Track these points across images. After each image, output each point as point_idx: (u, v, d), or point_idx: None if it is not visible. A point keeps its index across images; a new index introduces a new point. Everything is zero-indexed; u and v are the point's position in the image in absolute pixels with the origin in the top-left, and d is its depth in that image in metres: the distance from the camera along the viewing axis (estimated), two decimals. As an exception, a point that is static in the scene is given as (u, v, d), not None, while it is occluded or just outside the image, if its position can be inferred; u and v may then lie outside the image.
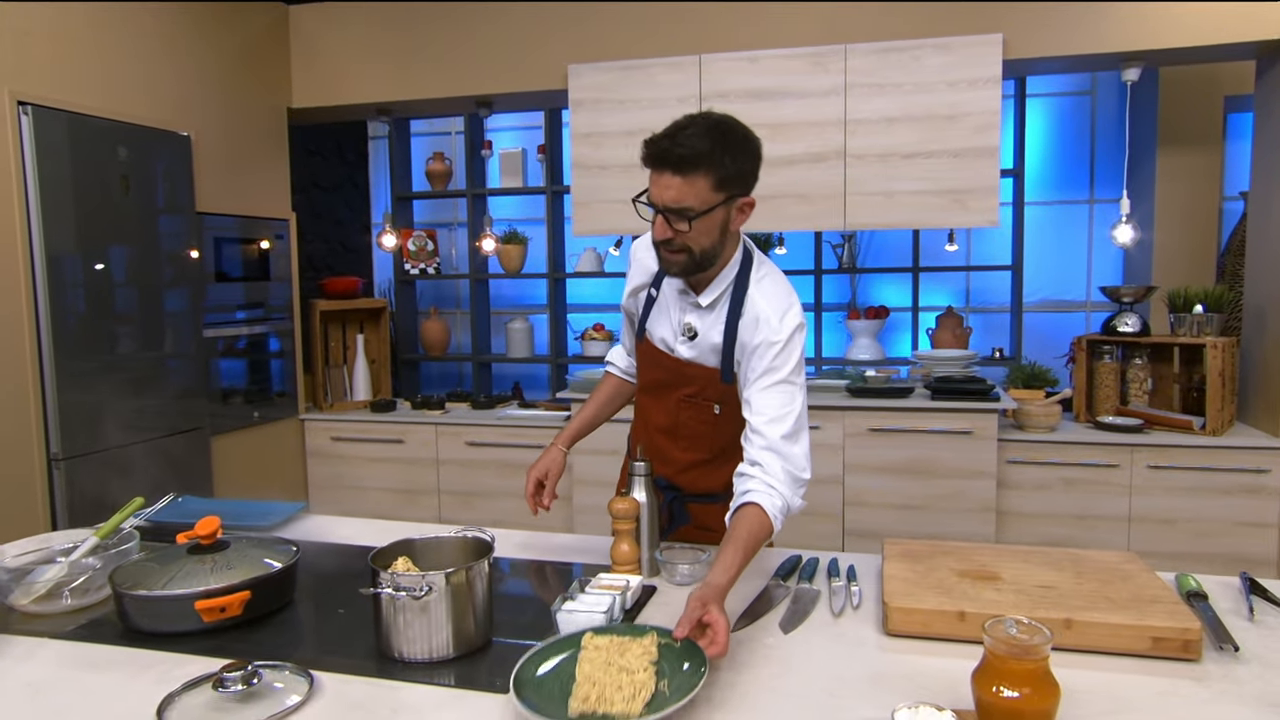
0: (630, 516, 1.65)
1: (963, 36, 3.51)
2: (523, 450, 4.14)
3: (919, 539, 1.82)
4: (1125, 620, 1.36)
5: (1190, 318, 3.59)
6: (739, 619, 1.51)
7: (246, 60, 4.09)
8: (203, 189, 3.77)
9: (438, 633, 1.36)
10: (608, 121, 3.89)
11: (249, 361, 4.12)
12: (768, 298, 1.71)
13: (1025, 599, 1.44)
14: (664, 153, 1.57)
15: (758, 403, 1.64)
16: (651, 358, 1.87)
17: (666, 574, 1.71)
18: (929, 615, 1.42)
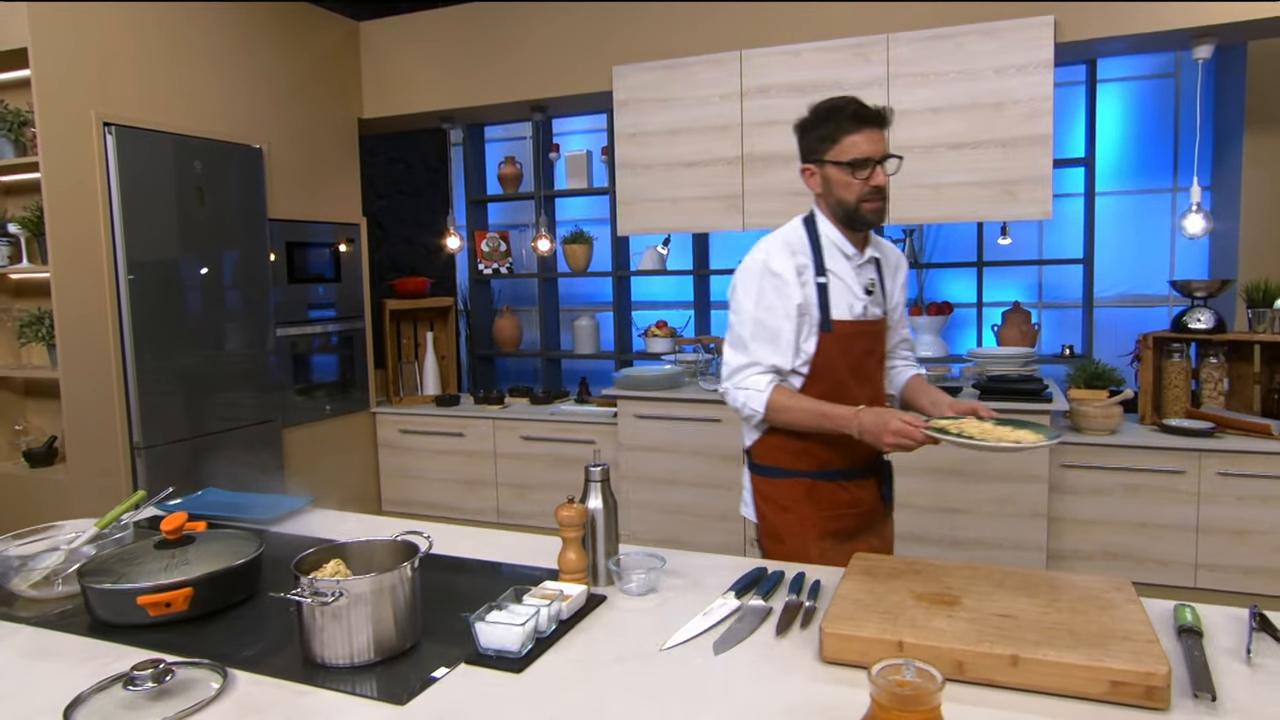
0: (576, 524, 1.55)
1: (1011, 20, 3.22)
2: (573, 445, 4.09)
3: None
4: (1080, 660, 1.17)
5: (1271, 313, 3.19)
6: (678, 632, 1.39)
7: (319, 75, 4.18)
8: (275, 197, 3.88)
9: (357, 637, 1.31)
10: (651, 121, 3.79)
11: (321, 358, 4.23)
12: (883, 240, 2.05)
13: (975, 629, 1.26)
14: (877, 114, 1.82)
15: (899, 319, 2.08)
16: (850, 333, 1.92)
17: (619, 583, 1.60)
18: (866, 644, 1.26)
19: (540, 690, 1.24)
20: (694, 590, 1.59)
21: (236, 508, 2.11)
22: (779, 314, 1.87)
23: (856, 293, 1.92)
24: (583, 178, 5.07)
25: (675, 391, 3.86)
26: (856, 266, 1.92)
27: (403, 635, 1.35)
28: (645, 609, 1.53)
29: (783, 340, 1.89)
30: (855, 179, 1.81)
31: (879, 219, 1.88)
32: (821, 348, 1.90)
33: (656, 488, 3.83)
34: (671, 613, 1.49)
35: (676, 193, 3.79)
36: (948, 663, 1.21)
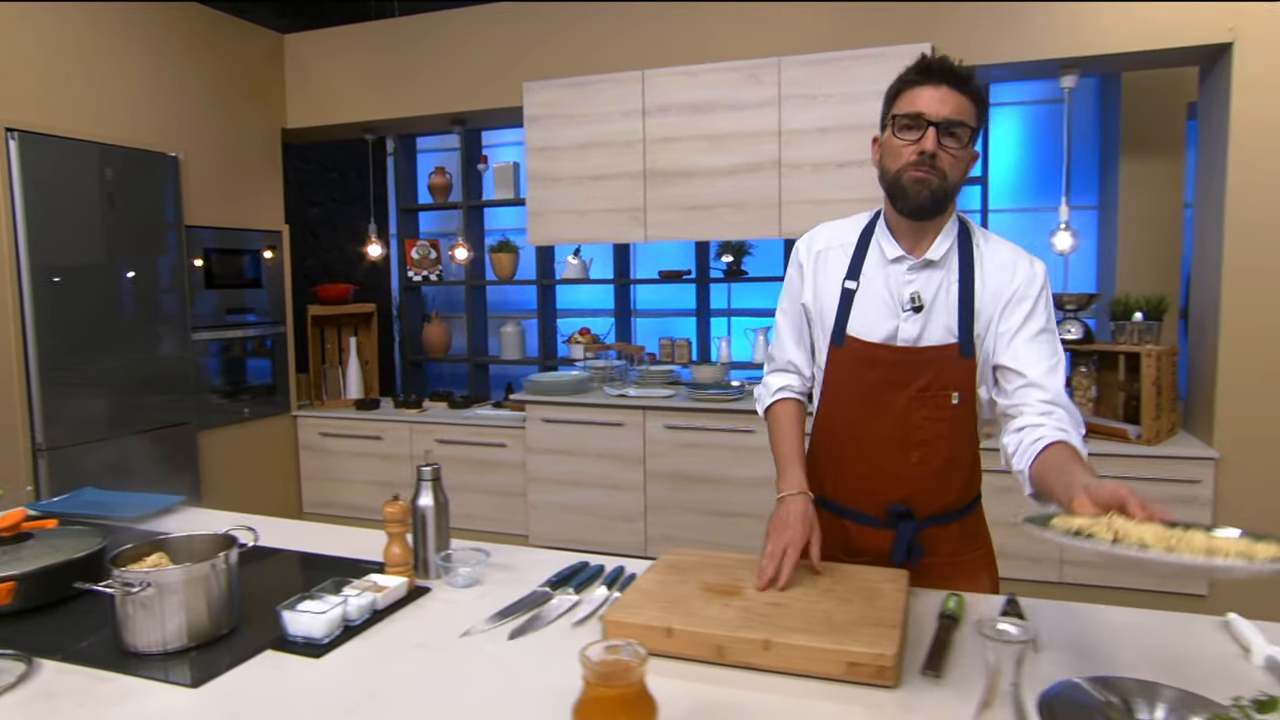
0: (399, 520, 1.61)
1: (892, 46, 3.34)
2: (486, 448, 4.14)
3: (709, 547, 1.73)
4: (822, 644, 1.25)
5: (1130, 325, 3.34)
6: (482, 622, 1.46)
7: (241, 85, 4.20)
8: (194, 204, 3.89)
9: (168, 624, 1.35)
10: (559, 136, 3.86)
11: (240, 362, 4.23)
12: (1006, 247, 1.53)
13: (741, 617, 1.34)
14: (946, 68, 1.44)
15: (1026, 355, 1.44)
16: (863, 358, 1.54)
17: (446, 576, 1.66)
18: (639, 630, 1.33)
19: (333, 674, 1.29)
20: (518, 583, 1.65)
21: (108, 507, 2.14)
22: (786, 309, 1.67)
23: (892, 307, 1.52)
24: (510, 188, 5.13)
25: (581, 396, 3.93)
26: (908, 269, 1.51)
27: (216, 623, 1.40)
28: (466, 601, 1.59)
29: (787, 337, 1.68)
30: (901, 140, 1.44)
31: (921, 197, 1.44)
32: (830, 364, 1.59)
33: (562, 490, 3.89)
34: (489, 604, 1.55)
35: (584, 205, 3.87)
36: (709, 647, 1.29)
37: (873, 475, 1.57)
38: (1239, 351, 3.10)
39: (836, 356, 1.57)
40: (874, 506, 1.60)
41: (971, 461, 1.62)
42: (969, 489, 1.63)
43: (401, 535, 1.62)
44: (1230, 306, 3.10)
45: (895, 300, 1.52)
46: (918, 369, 1.50)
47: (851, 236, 1.59)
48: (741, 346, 4.80)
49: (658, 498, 3.76)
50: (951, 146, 1.42)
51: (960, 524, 1.61)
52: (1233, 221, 3.06)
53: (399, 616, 1.51)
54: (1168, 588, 3.19)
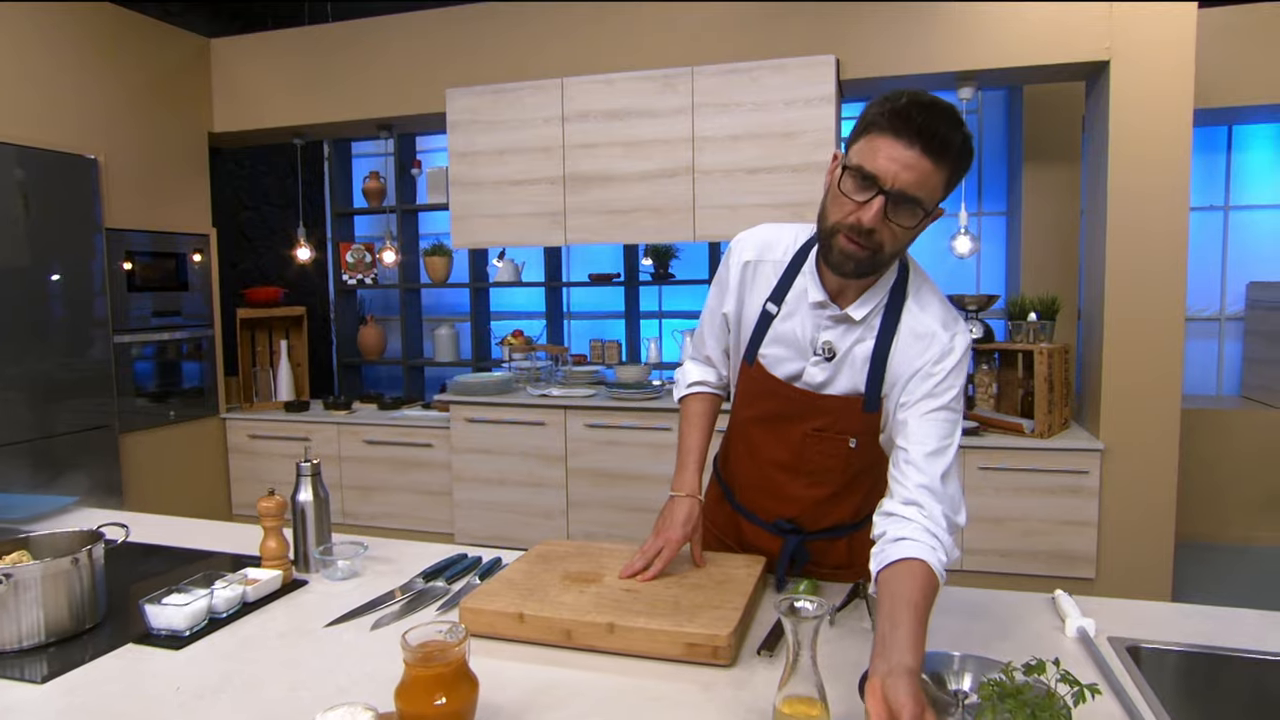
0: (275, 514, 1.61)
1: (797, 58, 3.42)
2: (414, 448, 4.13)
3: (579, 539, 1.76)
4: (662, 626, 1.29)
5: (1026, 324, 3.46)
6: (346, 614, 1.47)
7: (166, 88, 4.13)
8: (115, 207, 3.82)
9: (24, 620, 1.34)
10: (481, 141, 3.87)
11: (165, 365, 4.16)
12: (932, 312, 1.37)
13: (592, 602, 1.37)
14: (926, 127, 1.17)
15: (916, 430, 1.31)
16: (765, 387, 1.48)
17: (324, 570, 1.67)
18: (493, 617, 1.36)
19: (188, 665, 1.30)
20: (396, 575, 1.67)
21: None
22: (723, 301, 1.54)
23: (804, 348, 1.43)
24: (443, 192, 5.11)
25: (504, 396, 3.94)
26: (827, 318, 1.40)
27: (78, 618, 1.39)
28: (341, 593, 1.60)
29: (708, 333, 1.62)
30: (845, 194, 1.24)
31: (844, 269, 1.30)
32: (740, 376, 1.53)
33: (487, 488, 3.90)
34: (364, 595, 1.56)
35: (506, 209, 3.88)
36: (558, 631, 1.32)
37: (765, 489, 1.56)
38: (1121, 348, 3.23)
39: (745, 373, 1.51)
40: (765, 514, 1.60)
41: (871, 486, 1.54)
42: (864, 508, 1.57)
43: (277, 529, 1.63)
44: (1113, 306, 3.22)
45: (807, 342, 1.42)
46: (818, 412, 1.45)
47: (784, 255, 1.46)
48: (671, 348, 4.85)
49: (579, 495, 3.78)
50: (901, 222, 1.22)
51: (849, 539, 1.58)
52: (1114, 227, 3.19)
53: (271, 609, 1.51)
54: (1058, 572, 3.30)
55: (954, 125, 1.19)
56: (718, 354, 1.63)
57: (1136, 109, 3.12)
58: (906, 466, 1.29)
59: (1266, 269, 4.42)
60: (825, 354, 1.41)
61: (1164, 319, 3.17)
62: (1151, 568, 3.24)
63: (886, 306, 1.37)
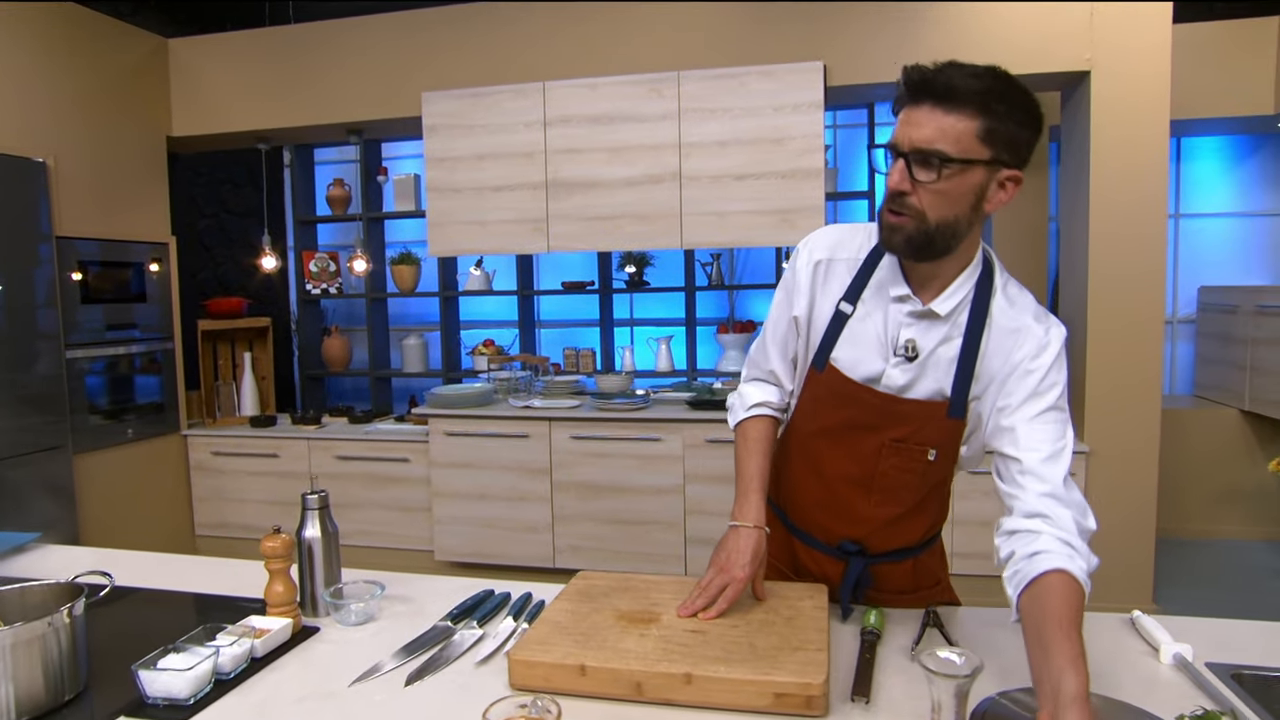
0: (282, 555, 1.38)
1: (786, 64, 3.29)
2: (389, 463, 3.86)
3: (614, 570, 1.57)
4: (747, 675, 1.11)
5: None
6: (371, 668, 1.25)
7: (121, 89, 3.79)
8: (66, 214, 3.47)
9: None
10: (459, 146, 3.64)
11: (122, 380, 3.81)
12: (1022, 305, 1.25)
13: (662, 647, 1.19)
14: (926, 81, 1.14)
15: (1026, 436, 1.19)
16: (840, 393, 1.33)
17: (336, 614, 1.44)
18: (549, 669, 1.16)
19: (201, 744, 1.07)
20: (416, 617, 1.45)
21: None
22: (775, 316, 1.43)
23: (884, 346, 1.29)
24: (411, 200, 4.85)
25: (485, 409, 3.71)
26: (909, 314, 1.27)
27: (54, 691, 1.14)
28: (358, 640, 1.37)
29: (771, 345, 1.44)
30: (883, 174, 1.20)
31: (893, 243, 1.21)
32: (807, 385, 1.38)
33: (467, 503, 3.66)
34: (384, 643, 1.35)
35: (485, 216, 3.65)
36: (627, 684, 1.13)
37: (830, 507, 1.41)
38: (1103, 352, 3.18)
39: (814, 380, 1.36)
40: (827, 536, 1.44)
41: (939, 507, 1.45)
42: (932, 528, 1.46)
43: (284, 571, 1.40)
44: (1095, 311, 3.17)
45: (888, 341, 1.28)
46: (897, 419, 1.30)
47: (859, 252, 1.33)
48: (645, 356, 4.68)
49: (565, 508, 3.57)
50: (925, 179, 1.13)
51: (915, 561, 1.45)
52: (1095, 233, 3.14)
53: (282, 664, 1.29)
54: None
55: (968, 74, 1.13)
56: (783, 366, 1.44)
57: (1116, 118, 3.08)
58: (1023, 477, 1.18)
59: (1215, 274, 4.47)
60: (908, 353, 1.27)
61: (1144, 323, 3.13)
62: (1136, 566, 3.19)
63: (974, 302, 1.24)
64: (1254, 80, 3.82)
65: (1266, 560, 3.78)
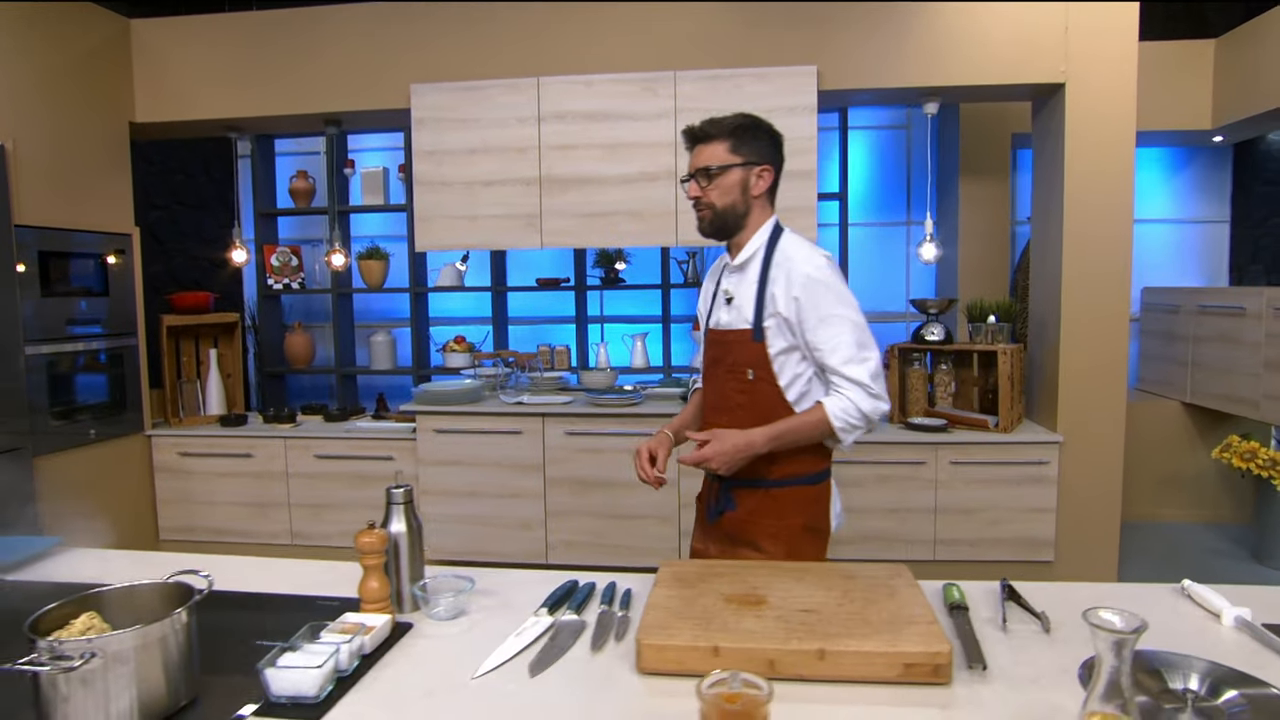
0: (377, 551, 1.36)
1: (780, 67, 3.37)
2: (371, 462, 3.76)
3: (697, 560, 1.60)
4: (877, 648, 1.16)
5: (985, 327, 3.55)
6: (490, 658, 1.24)
7: (80, 71, 3.57)
8: (25, 201, 3.25)
9: (115, 703, 1.04)
10: (449, 140, 3.58)
11: (85, 378, 3.60)
12: (795, 245, 1.72)
13: (784, 626, 1.23)
14: (691, 131, 1.77)
15: (814, 341, 1.67)
16: (707, 343, 1.84)
17: (425, 608, 1.42)
18: (682, 652, 1.18)
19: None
20: (505, 610, 1.44)
21: (-39, 554, 1.68)
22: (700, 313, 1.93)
23: (720, 300, 1.81)
24: (379, 194, 4.74)
25: (475, 405, 3.66)
26: (728, 271, 1.80)
27: (175, 694, 1.10)
28: (455, 634, 1.36)
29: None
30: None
31: (706, 229, 1.76)
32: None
33: (458, 501, 3.61)
34: (483, 636, 1.34)
35: (475, 211, 3.60)
36: (760, 662, 1.16)
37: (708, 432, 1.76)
38: (1076, 347, 3.37)
39: (703, 342, 1.89)
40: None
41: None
42: (775, 467, 1.74)
43: (379, 567, 1.37)
44: (1069, 308, 3.36)
45: (721, 295, 1.81)
46: (726, 348, 1.77)
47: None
48: (619, 352, 4.69)
49: (558, 504, 3.56)
50: (707, 184, 1.72)
51: (770, 493, 1.75)
52: (1069, 235, 3.33)
53: (389, 660, 1.27)
54: (1021, 557, 3.40)
55: (718, 120, 1.74)
56: None
57: (1088, 128, 3.27)
58: (830, 376, 1.69)
59: (1158, 275, 4.78)
60: (726, 297, 1.79)
61: (1112, 320, 3.34)
62: (1102, 548, 3.40)
63: (764, 253, 1.73)
64: (1193, 97, 4.12)
65: (1207, 541, 4.08)
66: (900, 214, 4.76)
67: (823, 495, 1.80)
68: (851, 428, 1.67)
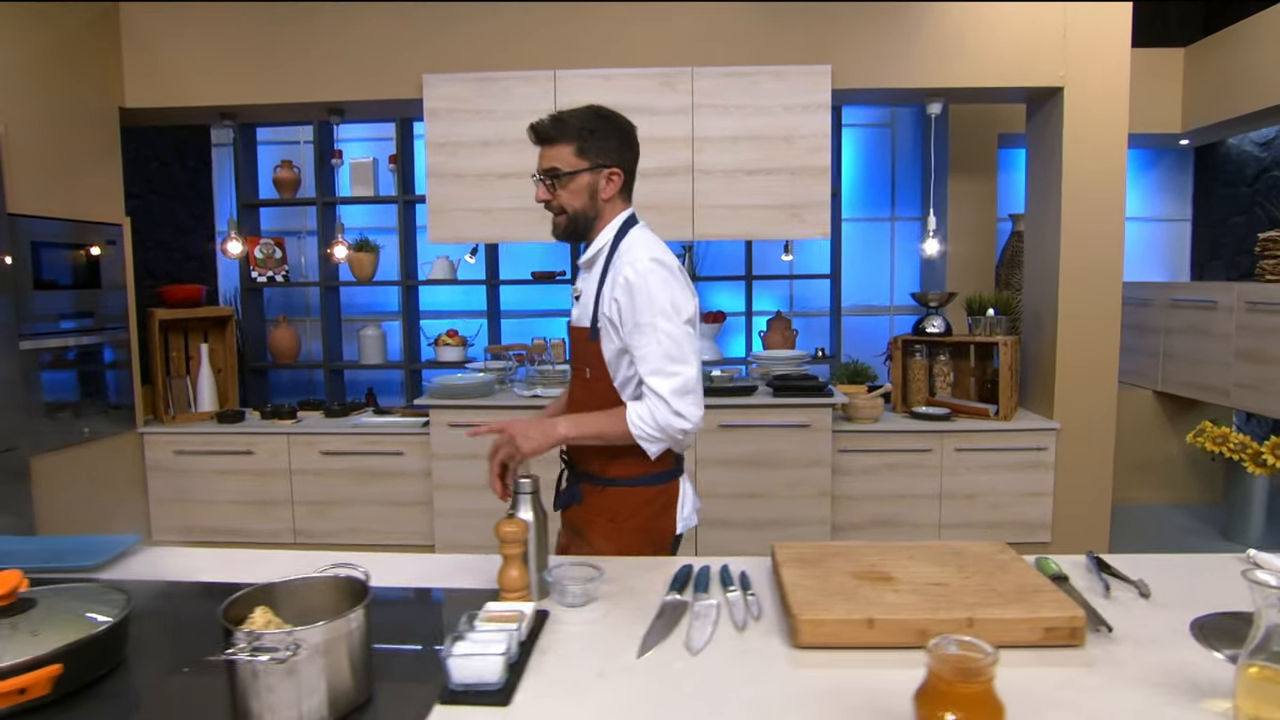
0: (519, 540, 1.39)
1: (797, 66, 3.46)
2: (380, 457, 3.73)
3: (803, 543, 1.67)
4: (1019, 614, 1.25)
5: (985, 319, 3.72)
6: (645, 638, 1.29)
7: (69, 54, 3.43)
8: (17, 189, 3.11)
9: (309, 697, 1.04)
10: (463, 131, 3.57)
11: (77, 374, 3.46)
12: (631, 245, 1.69)
13: (923, 599, 1.31)
14: (536, 129, 1.69)
15: (630, 345, 1.65)
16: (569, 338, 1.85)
17: (557, 595, 1.46)
18: (837, 625, 1.25)
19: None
20: (630, 595, 1.49)
21: (47, 555, 1.64)
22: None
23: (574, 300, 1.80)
24: (368, 185, 4.68)
25: (489, 399, 3.66)
26: (582, 269, 1.80)
27: (360, 688, 1.11)
28: (594, 620, 1.40)
29: None
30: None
31: (560, 234, 1.73)
32: None
33: (472, 495, 3.60)
34: (621, 620, 1.38)
35: (490, 203, 3.60)
36: (913, 632, 1.24)
37: None
38: (1072, 338, 3.56)
39: None
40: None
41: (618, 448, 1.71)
42: (613, 467, 1.74)
43: (519, 557, 1.40)
44: (1066, 302, 3.55)
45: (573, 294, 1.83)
46: (574, 344, 1.79)
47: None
48: (615, 345, 4.73)
49: (575, 496, 3.59)
50: (556, 186, 1.68)
51: (606, 492, 1.76)
52: (1067, 232, 3.51)
53: (543, 646, 1.30)
54: (1021, 538, 3.59)
55: (564, 118, 1.67)
56: None
57: (1085, 130, 3.46)
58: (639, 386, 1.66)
59: (1126, 271, 5.05)
60: (574, 295, 1.80)
61: (1105, 312, 3.54)
62: (1095, 529, 3.61)
63: (608, 254, 1.70)
64: (1165, 102, 4.38)
65: (1179, 520, 4.36)
66: (884, 210, 4.92)
67: (664, 498, 1.77)
68: (650, 438, 1.62)
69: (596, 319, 1.68)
